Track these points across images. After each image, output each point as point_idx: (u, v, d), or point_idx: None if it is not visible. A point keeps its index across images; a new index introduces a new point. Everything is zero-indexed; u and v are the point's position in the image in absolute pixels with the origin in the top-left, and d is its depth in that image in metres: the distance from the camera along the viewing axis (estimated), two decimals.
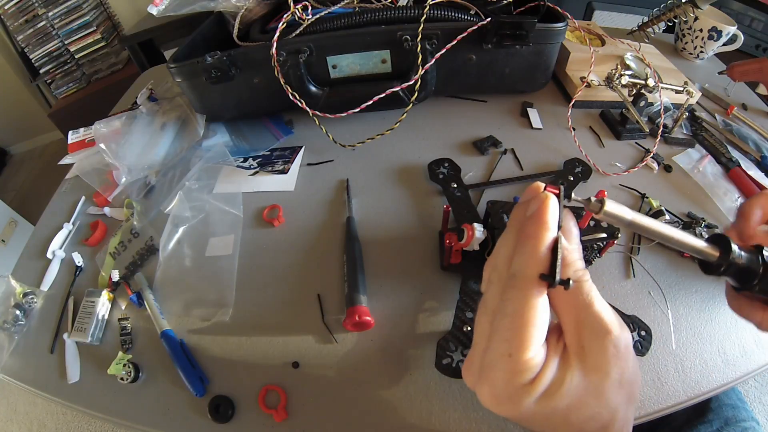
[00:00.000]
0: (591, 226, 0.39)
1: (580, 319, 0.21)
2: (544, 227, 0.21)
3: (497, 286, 0.22)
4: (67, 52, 1.90)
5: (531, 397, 0.20)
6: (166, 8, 0.63)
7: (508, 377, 0.20)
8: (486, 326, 0.22)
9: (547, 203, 0.22)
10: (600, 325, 0.21)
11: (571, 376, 0.21)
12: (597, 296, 0.22)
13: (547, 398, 0.20)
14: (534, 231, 0.21)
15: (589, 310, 0.21)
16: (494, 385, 0.21)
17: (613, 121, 0.61)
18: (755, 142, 0.60)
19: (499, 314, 0.21)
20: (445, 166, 0.54)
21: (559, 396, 0.20)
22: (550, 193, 0.22)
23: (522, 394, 0.20)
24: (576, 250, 0.22)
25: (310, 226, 0.51)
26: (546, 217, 0.21)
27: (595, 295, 0.22)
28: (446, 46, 0.53)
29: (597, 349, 0.21)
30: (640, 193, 0.51)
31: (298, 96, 0.53)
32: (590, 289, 0.22)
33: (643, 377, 0.37)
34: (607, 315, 0.21)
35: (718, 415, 0.49)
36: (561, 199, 0.22)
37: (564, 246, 0.21)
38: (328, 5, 0.59)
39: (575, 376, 0.21)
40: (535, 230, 0.21)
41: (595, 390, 0.21)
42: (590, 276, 0.22)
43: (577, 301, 0.22)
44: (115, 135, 0.62)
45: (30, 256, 0.53)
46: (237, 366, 0.41)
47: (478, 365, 0.22)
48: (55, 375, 0.42)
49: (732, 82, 0.68)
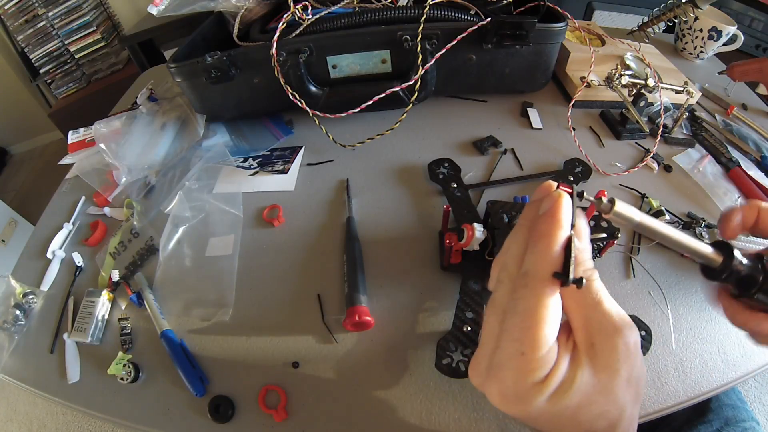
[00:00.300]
0: (591, 226, 0.39)
1: (589, 317, 0.21)
2: (557, 225, 0.21)
3: (507, 284, 0.22)
4: (67, 52, 1.90)
5: (542, 395, 0.20)
6: (166, 8, 0.63)
7: (519, 376, 0.20)
8: (495, 325, 0.22)
9: (560, 202, 0.21)
10: (610, 324, 0.21)
11: (581, 374, 0.21)
12: (606, 295, 0.22)
13: (558, 397, 0.20)
14: (547, 229, 0.21)
15: (599, 308, 0.21)
16: (504, 383, 0.20)
17: (613, 121, 0.61)
18: (755, 142, 0.60)
19: (509, 313, 0.21)
20: (445, 166, 0.54)
21: (570, 394, 0.20)
22: (563, 191, 0.22)
23: (533, 392, 0.20)
24: (587, 250, 0.22)
25: (310, 226, 0.51)
26: (560, 215, 0.21)
27: (604, 293, 0.22)
28: (446, 46, 0.53)
29: (608, 348, 0.21)
30: (640, 193, 0.51)
31: (298, 96, 0.53)
32: (599, 288, 0.22)
33: None
34: (617, 314, 0.21)
35: (718, 416, 0.49)
36: (574, 198, 0.22)
37: (576, 245, 0.21)
38: (328, 5, 0.59)
39: (585, 374, 0.21)
40: (548, 228, 0.21)
41: (604, 388, 0.21)
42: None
43: (586, 300, 0.21)
44: (115, 135, 0.62)
45: (30, 256, 0.53)
46: (237, 366, 0.41)
47: (486, 364, 0.22)
48: (55, 375, 0.42)
49: (732, 82, 0.68)
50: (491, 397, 0.21)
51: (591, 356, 0.21)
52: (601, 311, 0.21)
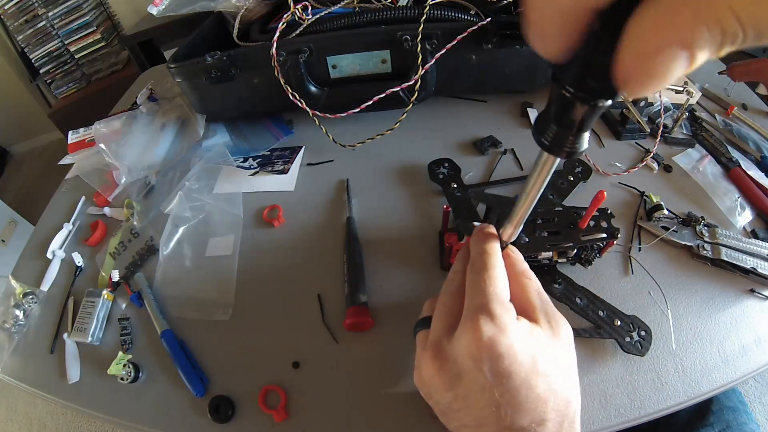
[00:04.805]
0: (591, 226, 0.39)
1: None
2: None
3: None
4: (67, 52, 1.90)
5: (505, 331, 0.25)
6: (166, 8, 0.63)
7: (488, 321, 0.25)
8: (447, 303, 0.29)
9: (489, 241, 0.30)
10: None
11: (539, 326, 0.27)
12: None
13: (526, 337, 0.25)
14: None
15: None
16: (478, 329, 0.25)
17: (613, 121, 0.61)
18: (755, 142, 0.59)
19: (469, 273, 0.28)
20: (445, 166, 0.54)
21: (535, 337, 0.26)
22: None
23: (499, 332, 0.24)
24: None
25: (310, 226, 0.51)
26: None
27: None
28: (446, 46, 0.53)
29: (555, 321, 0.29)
30: (639, 191, 0.51)
31: (298, 96, 0.53)
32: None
33: (643, 377, 0.37)
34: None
35: (719, 418, 0.49)
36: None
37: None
38: (328, 5, 0.59)
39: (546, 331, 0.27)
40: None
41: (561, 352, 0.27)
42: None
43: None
44: (115, 135, 0.62)
45: (30, 256, 0.53)
46: (237, 366, 0.41)
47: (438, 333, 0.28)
48: (55, 375, 0.42)
49: (732, 82, 0.68)
50: (463, 347, 0.25)
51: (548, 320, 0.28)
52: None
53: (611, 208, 0.41)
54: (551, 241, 0.39)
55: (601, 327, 0.38)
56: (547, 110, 0.20)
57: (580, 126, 0.19)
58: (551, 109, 0.20)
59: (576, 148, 0.20)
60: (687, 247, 0.45)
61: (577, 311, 0.39)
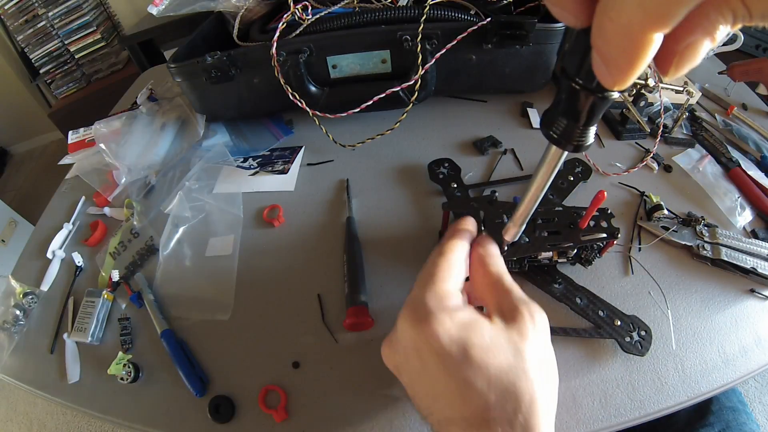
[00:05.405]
0: (591, 226, 0.39)
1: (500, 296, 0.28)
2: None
3: None
4: (67, 52, 1.90)
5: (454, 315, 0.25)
6: (166, 8, 0.63)
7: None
8: None
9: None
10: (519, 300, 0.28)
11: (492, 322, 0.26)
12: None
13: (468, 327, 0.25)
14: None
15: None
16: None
17: (613, 121, 0.61)
18: (755, 142, 0.59)
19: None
20: (445, 166, 0.54)
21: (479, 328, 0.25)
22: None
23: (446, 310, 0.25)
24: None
25: (310, 226, 0.51)
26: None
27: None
28: (446, 46, 0.53)
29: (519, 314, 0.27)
30: (639, 191, 0.51)
31: (298, 96, 0.53)
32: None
33: (643, 377, 0.37)
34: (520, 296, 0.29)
35: (719, 418, 0.49)
36: None
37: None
38: (328, 5, 0.59)
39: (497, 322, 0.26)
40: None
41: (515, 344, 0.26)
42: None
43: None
44: (115, 135, 0.62)
45: (30, 256, 0.53)
46: (237, 366, 0.41)
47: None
48: (55, 375, 0.42)
49: (732, 82, 0.68)
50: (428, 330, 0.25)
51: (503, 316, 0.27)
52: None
53: (611, 208, 0.41)
54: (551, 241, 0.39)
55: (601, 327, 0.38)
56: (554, 105, 0.21)
57: (587, 118, 0.20)
58: (560, 102, 0.20)
59: (583, 141, 0.21)
60: (687, 247, 0.45)
61: (577, 311, 0.39)
